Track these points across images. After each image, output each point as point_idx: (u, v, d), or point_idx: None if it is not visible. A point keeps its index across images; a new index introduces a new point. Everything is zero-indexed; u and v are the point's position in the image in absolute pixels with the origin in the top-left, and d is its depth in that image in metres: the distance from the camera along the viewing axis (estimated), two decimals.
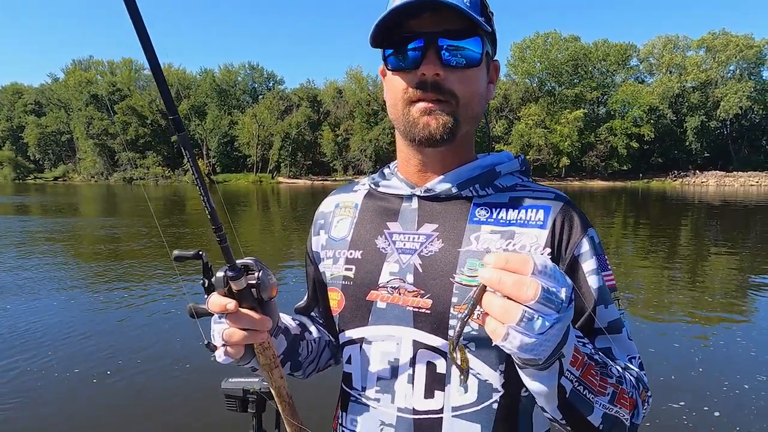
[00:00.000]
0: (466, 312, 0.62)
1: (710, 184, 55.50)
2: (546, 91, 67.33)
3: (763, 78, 64.28)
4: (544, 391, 0.67)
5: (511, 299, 0.57)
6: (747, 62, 62.55)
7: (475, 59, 0.79)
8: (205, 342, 0.80)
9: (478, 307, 0.61)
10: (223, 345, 0.78)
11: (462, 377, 0.64)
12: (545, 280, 0.57)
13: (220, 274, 0.75)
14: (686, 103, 63.10)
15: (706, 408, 3.72)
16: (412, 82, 0.79)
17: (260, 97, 73.21)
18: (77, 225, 16.68)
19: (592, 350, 0.71)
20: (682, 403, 3.76)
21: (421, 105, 0.79)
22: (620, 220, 19.08)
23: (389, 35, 0.80)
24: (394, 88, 0.82)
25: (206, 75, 73.89)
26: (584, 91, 64.93)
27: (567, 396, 0.67)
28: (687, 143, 63.17)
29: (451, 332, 0.79)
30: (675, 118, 62.58)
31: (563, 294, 0.58)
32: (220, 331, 0.78)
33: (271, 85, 76.08)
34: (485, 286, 0.60)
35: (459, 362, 0.64)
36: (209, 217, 0.71)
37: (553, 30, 67.51)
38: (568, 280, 0.61)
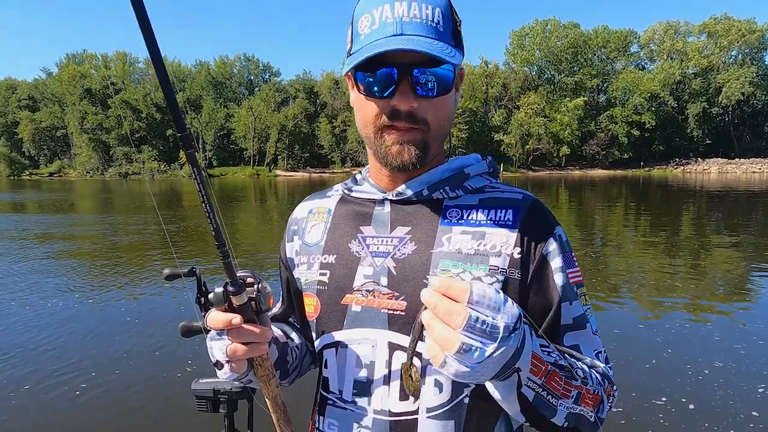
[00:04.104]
0: (414, 335, 0.64)
1: (712, 171, 54.89)
2: (545, 80, 66.60)
3: (766, 63, 63.52)
4: (505, 398, 0.69)
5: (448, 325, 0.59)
6: (749, 47, 61.71)
7: (448, 85, 0.80)
8: (214, 361, 0.80)
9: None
10: (227, 361, 0.79)
11: (413, 397, 0.66)
12: (480, 310, 0.59)
13: (219, 289, 0.73)
14: (688, 90, 62.34)
15: (683, 400, 3.46)
16: (385, 110, 0.79)
17: (256, 89, 72.62)
18: (65, 223, 16.46)
19: (558, 357, 0.71)
20: (664, 399, 3.47)
21: (394, 135, 0.80)
22: (620, 209, 18.61)
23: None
24: (366, 110, 0.82)
25: (201, 67, 73.31)
26: (584, 79, 64.20)
27: (530, 401, 0.68)
28: (688, 130, 62.47)
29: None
30: (676, 105, 61.85)
31: (500, 322, 0.59)
32: (222, 347, 0.78)
33: (267, 77, 75.42)
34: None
35: (412, 382, 0.65)
36: (213, 233, 0.70)
37: (552, 17, 66.73)
38: (513, 309, 0.62)
